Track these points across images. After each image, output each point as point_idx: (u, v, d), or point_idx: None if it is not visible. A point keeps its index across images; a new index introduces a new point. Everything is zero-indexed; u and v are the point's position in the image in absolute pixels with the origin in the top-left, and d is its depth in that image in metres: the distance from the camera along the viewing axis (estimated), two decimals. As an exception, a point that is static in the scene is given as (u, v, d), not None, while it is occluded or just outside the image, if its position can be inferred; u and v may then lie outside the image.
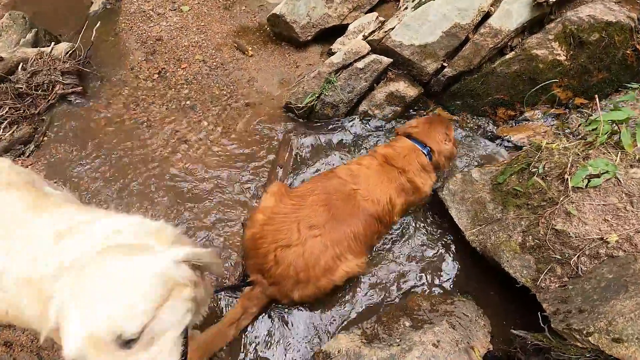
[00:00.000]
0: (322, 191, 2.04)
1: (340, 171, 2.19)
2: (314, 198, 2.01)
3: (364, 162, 2.23)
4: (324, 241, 1.89)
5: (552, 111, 2.82)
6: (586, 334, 1.37)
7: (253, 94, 3.08)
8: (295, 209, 1.98)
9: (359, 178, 2.13)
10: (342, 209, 1.99)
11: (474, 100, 2.92)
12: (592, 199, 1.74)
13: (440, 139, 2.35)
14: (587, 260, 1.68)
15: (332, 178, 2.13)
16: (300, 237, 1.88)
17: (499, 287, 2.20)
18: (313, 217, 1.93)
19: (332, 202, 2.00)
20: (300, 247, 1.86)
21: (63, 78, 3.09)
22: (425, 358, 1.58)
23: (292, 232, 1.89)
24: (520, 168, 2.04)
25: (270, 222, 1.97)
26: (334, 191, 2.05)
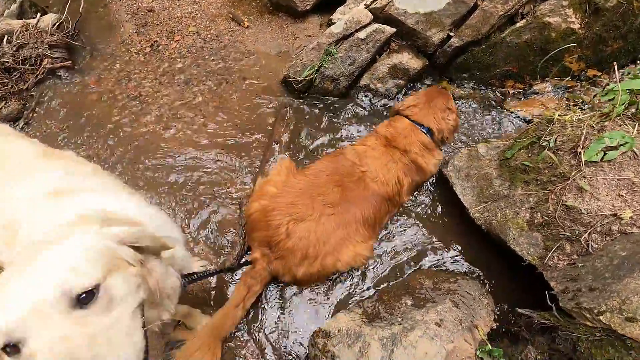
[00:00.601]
0: (335, 172, 2.02)
1: (348, 152, 2.15)
2: (328, 178, 1.99)
3: (368, 143, 2.18)
4: (337, 220, 1.88)
5: (564, 84, 2.69)
6: (597, 312, 1.31)
7: (249, 68, 2.94)
8: (311, 186, 1.96)
9: (366, 159, 2.09)
10: (354, 191, 1.97)
11: (481, 73, 2.79)
12: (606, 174, 1.64)
13: (440, 116, 2.23)
14: (599, 237, 1.60)
15: (342, 160, 2.10)
16: (315, 213, 1.87)
17: (504, 265, 2.15)
18: (328, 195, 1.92)
19: (345, 184, 1.98)
20: (313, 223, 1.86)
21: (51, 52, 2.96)
22: (427, 337, 1.54)
23: (307, 207, 1.88)
24: (529, 142, 1.94)
25: (283, 195, 1.95)
26: (346, 173, 2.02)
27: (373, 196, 2.01)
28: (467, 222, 2.17)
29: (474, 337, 1.66)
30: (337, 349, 1.60)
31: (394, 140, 2.17)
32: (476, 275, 2.12)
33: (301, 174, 2.05)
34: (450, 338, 1.57)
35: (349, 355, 1.55)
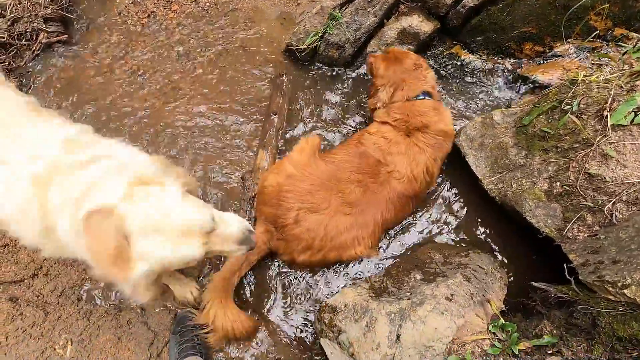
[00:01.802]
0: (359, 170, 1.90)
1: (370, 146, 1.99)
2: (351, 175, 1.88)
3: (388, 135, 2.01)
4: (352, 222, 1.82)
5: (587, 44, 2.48)
6: (621, 286, 1.22)
7: (251, 37, 2.80)
8: (332, 179, 1.87)
9: (391, 157, 1.95)
10: (377, 194, 1.88)
11: (498, 35, 2.59)
12: (635, 138, 1.51)
13: (422, 75, 2.11)
14: (624, 207, 1.49)
15: (366, 155, 1.95)
16: (330, 208, 1.81)
17: (518, 238, 2.07)
18: (348, 195, 1.84)
19: (368, 185, 1.88)
20: (326, 217, 1.80)
21: (46, 25, 2.86)
22: (437, 312, 1.48)
23: (323, 200, 1.82)
24: (550, 107, 1.80)
25: (302, 179, 1.88)
26: (371, 173, 1.90)
27: (398, 198, 1.91)
28: (480, 194, 2.08)
29: (486, 311, 1.59)
30: (344, 324, 1.56)
31: (409, 121, 2.01)
32: (489, 249, 2.05)
33: (324, 161, 1.95)
34: (461, 313, 1.51)
35: (356, 330, 1.51)
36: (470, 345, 1.46)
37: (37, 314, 1.96)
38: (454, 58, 2.70)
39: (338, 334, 1.57)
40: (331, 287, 1.99)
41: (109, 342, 1.91)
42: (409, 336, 1.43)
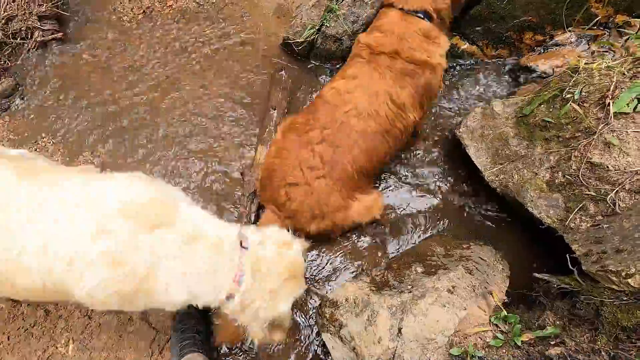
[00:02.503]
0: (317, 125, 1.83)
1: (327, 94, 1.89)
2: (311, 135, 1.83)
3: (348, 73, 1.88)
4: (328, 182, 1.78)
5: (589, 32, 2.45)
6: (625, 275, 1.21)
7: (247, 31, 2.77)
8: (296, 147, 1.84)
9: (348, 95, 1.81)
10: (339, 141, 1.79)
11: (497, 25, 2.55)
12: (638, 126, 1.49)
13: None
14: (627, 196, 1.47)
15: (322, 105, 1.87)
16: (305, 177, 1.79)
17: (520, 229, 2.05)
18: (311, 157, 1.80)
19: (328, 137, 1.80)
20: (307, 187, 1.79)
21: (41, 23, 2.83)
22: (439, 304, 1.47)
23: (296, 171, 1.81)
24: (551, 96, 1.77)
25: (279, 156, 1.90)
26: (328, 122, 1.82)
27: (364, 139, 1.78)
28: (481, 184, 2.06)
29: (488, 303, 1.58)
30: (345, 318, 1.55)
31: (380, 46, 1.82)
32: (490, 241, 2.03)
33: (294, 133, 1.90)
34: (463, 305, 1.49)
35: (357, 324, 1.50)
36: (473, 338, 1.45)
37: (38, 313, 1.96)
38: (453, 48, 2.67)
39: (339, 329, 1.56)
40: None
41: (111, 340, 1.91)
42: (411, 329, 1.42)
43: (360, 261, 2.04)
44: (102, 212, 1.09)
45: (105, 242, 1.06)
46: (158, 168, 2.33)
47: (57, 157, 2.41)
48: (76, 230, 1.08)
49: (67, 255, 1.06)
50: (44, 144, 2.47)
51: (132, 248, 1.08)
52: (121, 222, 1.08)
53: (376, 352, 1.43)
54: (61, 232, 1.07)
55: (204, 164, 2.33)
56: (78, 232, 1.07)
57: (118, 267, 1.07)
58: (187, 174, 2.31)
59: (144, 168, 2.32)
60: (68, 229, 1.08)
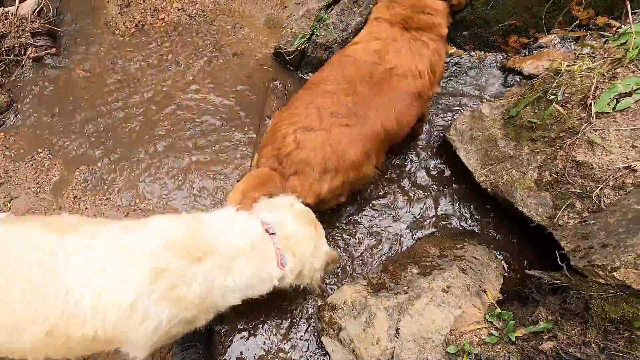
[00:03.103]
0: (343, 80, 1.71)
1: (360, 53, 1.81)
2: (333, 87, 1.69)
3: (383, 35, 1.83)
4: (353, 134, 1.62)
5: (571, 34, 2.52)
6: (611, 269, 1.26)
7: (239, 42, 2.82)
8: (312, 95, 1.69)
9: (388, 55, 1.76)
10: (374, 98, 1.69)
11: (483, 29, 2.63)
12: (619, 124, 1.54)
13: None
14: (611, 192, 1.53)
15: (352, 63, 1.77)
16: (323, 123, 1.61)
17: (511, 228, 2.10)
18: (335, 105, 1.64)
19: (359, 92, 1.68)
20: (324, 133, 1.60)
21: (34, 40, 2.86)
22: (434, 304, 1.50)
23: (311, 117, 1.62)
24: (536, 97, 1.83)
25: (285, 108, 1.75)
26: (362, 77, 1.71)
27: (401, 98, 1.72)
28: (472, 186, 2.11)
29: (483, 301, 1.62)
30: (343, 321, 1.58)
31: (412, 19, 1.83)
32: (483, 240, 2.07)
33: (305, 90, 1.77)
34: (458, 304, 1.53)
35: (355, 327, 1.53)
36: (468, 335, 1.48)
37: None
38: (441, 53, 2.74)
39: (338, 332, 1.59)
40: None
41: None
42: (408, 329, 1.45)
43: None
44: (151, 253, 1.15)
45: (165, 280, 1.11)
46: (156, 180, 2.35)
47: (54, 172, 2.42)
48: (129, 275, 1.12)
49: (125, 300, 1.10)
50: (40, 159, 2.49)
51: (189, 281, 1.16)
52: (174, 260, 1.14)
53: (375, 353, 1.46)
54: (112, 279, 1.12)
55: (202, 174, 2.35)
56: (131, 278, 1.12)
57: (181, 301, 1.14)
58: (187, 186, 2.33)
59: (141, 181, 2.34)
60: (120, 276, 1.12)
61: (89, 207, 2.32)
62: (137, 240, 1.18)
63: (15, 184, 2.42)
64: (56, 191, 2.37)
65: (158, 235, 1.19)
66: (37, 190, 2.39)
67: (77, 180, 2.40)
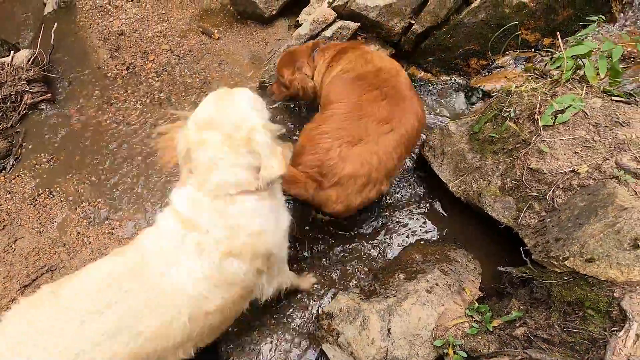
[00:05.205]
0: (370, 86, 1.88)
1: (353, 68, 2.05)
2: (368, 95, 1.83)
3: (350, 57, 2.15)
4: (397, 136, 1.75)
5: (522, 55, 2.85)
6: (562, 259, 1.48)
7: (226, 78, 3.05)
8: (353, 109, 1.78)
9: (373, 62, 2.06)
10: (399, 94, 1.87)
11: (446, 54, 2.93)
12: (562, 135, 1.81)
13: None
14: (562, 193, 1.77)
15: (360, 75, 1.96)
16: (370, 134, 1.70)
17: (484, 230, 2.31)
18: (378, 111, 1.76)
19: (386, 92, 1.84)
20: (373, 145, 1.70)
21: (30, 87, 3.03)
22: (419, 304, 1.69)
23: (359, 129, 1.70)
24: (493, 115, 2.10)
25: (326, 122, 1.79)
26: (377, 82, 1.89)
27: (413, 92, 1.94)
28: (448, 196, 2.33)
29: (464, 298, 1.82)
30: (341, 327, 1.74)
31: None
32: (462, 244, 2.28)
33: (329, 111, 1.86)
34: (440, 302, 1.72)
35: (352, 331, 1.70)
36: (452, 329, 1.67)
37: None
38: (410, 77, 3.01)
39: (337, 337, 1.75)
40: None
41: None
42: (398, 328, 1.63)
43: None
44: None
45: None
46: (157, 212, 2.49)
47: (56, 212, 2.54)
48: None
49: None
50: (42, 199, 2.61)
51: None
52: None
53: (371, 353, 1.62)
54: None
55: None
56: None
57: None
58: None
59: (144, 211, 2.49)
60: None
61: (92, 241, 2.44)
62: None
63: (18, 225, 2.52)
64: (60, 229, 2.48)
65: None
66: (41, 229, 2.50)
67: (79, 217, 2.52)
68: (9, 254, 2.41)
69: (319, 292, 2.15)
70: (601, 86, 1.86)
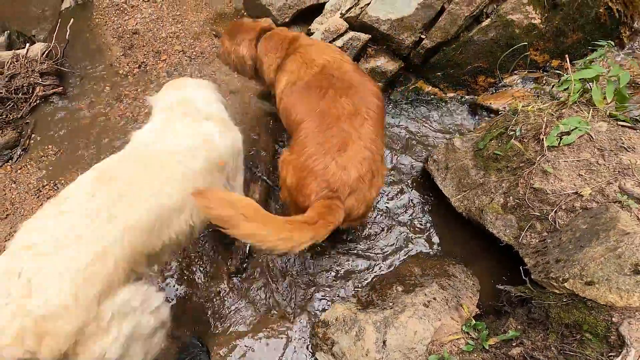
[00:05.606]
0: (325, 90, 1.90)
1: (302, 70, 2.06)
2: (327, 100, 1.85)
3: (291, 65, 2.14)
4: (370, 124, 1.79)
5: (530, 75, 2.87)
6: (562, 280, 1.47)
7: (235, 82, 3.08)
8: (322, 119, 1.79)
9: (313, 63, 2.05)
10: (356, 89, 1.91)
11: (454, 70, 2.96)
12: (567, 156, 1.82)
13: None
14: (564, 215, 1.77)
15: (314, 83, 1.96)
16: (351, 133, 1.73)
17: (485, 247, 2.30)
18: (343, 110, 1.79)
19: (342, 88, 1.88)
20: (358, 141, 1.72)
21: (42, 79, 3.07)
22: (416, 317, 1.68)
23: (338, 135, 1.73)
24: (498, 133, 2.11)
25: (304, 145, 1.78)
26: (330, 81, 1.93)
27: (361, 75, 2.02)
28: (450, 211, 2.33)
29: (461, 314, 1.81)
30: (336, 336, 1.73)
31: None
32: (461, 259, 2.28)
33: (300, 127, 1.87)
34: (437, 317, 1.71)
35: (347, 340, 1.69)
36: (448, 345, 1.66)
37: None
38: (418, 91, 3.05)
39: (332, 346, 1.74)
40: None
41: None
42: (394, 340, 1.62)
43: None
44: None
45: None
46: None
47: (59, 203, 2.56)
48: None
49: None
50: (46, 191, 2.63)
51: None
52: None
53: (365, 364, 1.61)
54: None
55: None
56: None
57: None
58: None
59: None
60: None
61: (93, 236, 2.44)
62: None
63: (21, 215, 2.54)
64: (62, 221, 2.49)
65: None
66: (43, 220, 2.51)
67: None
68: (10, 242, 2.42)
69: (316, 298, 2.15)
70: (607, 110, 1.87)
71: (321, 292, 2.18)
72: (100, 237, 1.30)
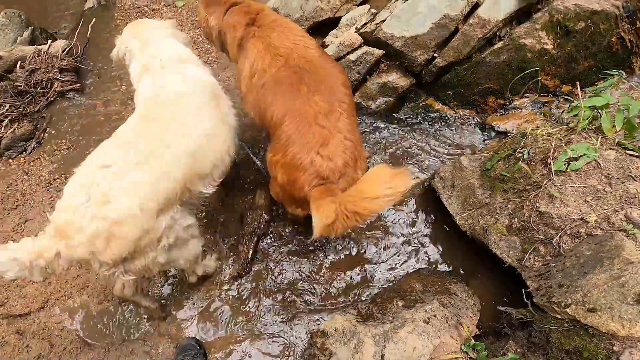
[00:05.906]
0: (296, 85, 1.90)
1: (266, 60, 2.05)
2: (301, 97, 1.87)
3: (255, 48, 2.12)
4: (345, 116, 1.86)
5: (540, 99, 2.90)
6: (564, 305, 1.47)
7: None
8: (300, 119, 1.82)
9: (273, 45, 2.06)
10: (325, 80, 1.95)
11: (465, 90, 2.99)
12: (574, 182, 1.83)
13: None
14: (569, 239, 1.77)
15: (283, 77, 1.97)
16: (330, 128, 1.79)
17: (488, 267, 2.30)
18: (318, 107, 1.83)
19: (312, 82, 1.91)
20: (338, 134, 1.79)
21: (61, 75, 3.15)
22: (416, 333, 1.68)
23: (318, 133, 1.78)
24: (506, 154, 2.13)
25: (288, 145, 1.82)
26: (299, 74, 1.93)
27: (326, 61, 2.07)
28: (454, 228, 2.33)
29: (460, 333, 1.80)
30: (334, 347, 1.74)
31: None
32: (463, 278, 2.27)
33: (280, 130, 1.89)
34: (437, 334, 1.71)
35: (345, 352, 1.69)
36: (446, 364, 1.65)
37: (43, 346, 2.06)
38: (428, 108, 3.08)
39: (329, 357, 1.74)
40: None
41: (112, 373, 2.01)
42: (392, 355, 1.62)
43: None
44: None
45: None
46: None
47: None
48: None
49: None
50: (56, 184, 2.67)
51: None
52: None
53: (362, 378, 1.61)
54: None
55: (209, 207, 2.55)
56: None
57: None
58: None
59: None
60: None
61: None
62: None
63: (30, 207, 2.58)
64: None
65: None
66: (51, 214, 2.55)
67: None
68: (18, 233, 2.46)
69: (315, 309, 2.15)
70: (616, 139, 1.88)
71: (321, 302, 2.18)
72: (161, 162, 1.60)
